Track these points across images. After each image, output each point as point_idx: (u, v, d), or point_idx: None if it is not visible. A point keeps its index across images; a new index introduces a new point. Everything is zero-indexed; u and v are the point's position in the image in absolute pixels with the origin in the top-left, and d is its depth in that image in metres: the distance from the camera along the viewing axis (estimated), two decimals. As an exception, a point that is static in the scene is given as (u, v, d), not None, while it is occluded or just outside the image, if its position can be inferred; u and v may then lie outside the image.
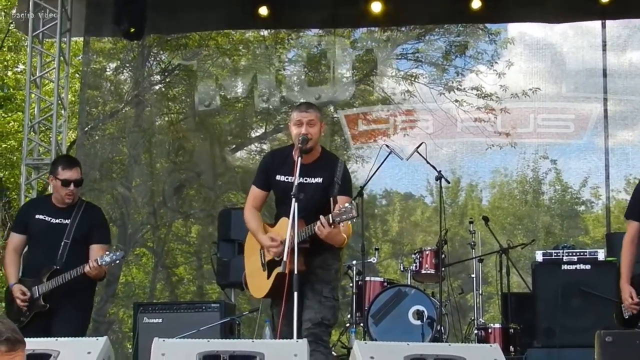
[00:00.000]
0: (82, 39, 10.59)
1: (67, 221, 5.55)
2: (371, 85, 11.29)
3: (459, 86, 10.45)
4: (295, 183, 4.77)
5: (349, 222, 4.72)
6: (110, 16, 9.02)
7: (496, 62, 10.39)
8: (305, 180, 4.90)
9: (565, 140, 9.92)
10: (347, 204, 4.70)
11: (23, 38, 13.21)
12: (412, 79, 10.79)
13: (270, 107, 11.02)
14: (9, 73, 15.45)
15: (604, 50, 9.50)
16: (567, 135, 9.83)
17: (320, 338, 4.80)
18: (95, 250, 5.50)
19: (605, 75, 9.51)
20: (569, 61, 9.93)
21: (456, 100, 10.31)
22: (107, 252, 5.35)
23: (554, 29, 9.88)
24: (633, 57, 9.80)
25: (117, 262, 5.36)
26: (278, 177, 5.05)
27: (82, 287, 5.48)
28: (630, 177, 9.69)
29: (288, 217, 4.70)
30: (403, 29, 10.67)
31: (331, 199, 4.84)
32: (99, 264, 5.27)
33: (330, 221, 4.66)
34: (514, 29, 10.43)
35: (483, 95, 10.31)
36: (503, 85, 10.18)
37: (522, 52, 10.32)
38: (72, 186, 5.55)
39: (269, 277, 4.94)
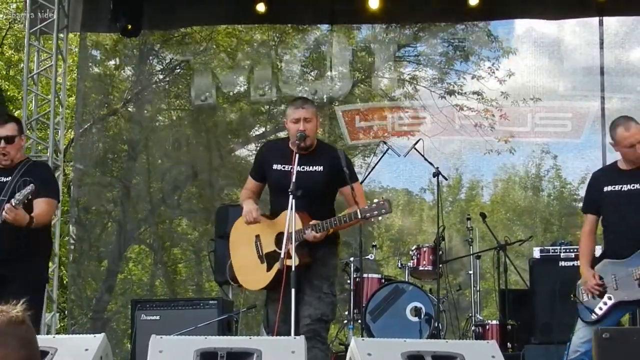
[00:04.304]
0: (81, 35, 10.61)
1: (8, 179, 5.25)
2: (371, 86, 11.29)
3: (460, 90, 10.48)
4: (293, 179, 4.77)
5: (380, 217, 4.72)
6: (108, 13, 9.02)
7: (497, 69, 10.46)
8: (304, 168, 4.90)
9: (563, 139, 9.96)
10: (375, 200, 4.74)
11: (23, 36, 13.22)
12: (414, 82, 10.82)
13: (267, 100, 11.07)
14: (12, 72, 15.42)
15: (602, 48, 9.51)
16: (565, 134, 9.85)
17: (318, 334, 4.81)
18: (38, 203, 5.12)
19: (602, 73, 9.52)
20: (567, 59, 9.95)
21: (456, 105, 10.34)
22: (18, 192, 4.94)
23: (552, 27, 9.90)
24: (631, 55, 9.81)
25: (28, 194, 4.89)
26: (275, 166, 5.06)
27: (30, 260, 5.18)
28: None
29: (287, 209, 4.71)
30: (406, 31, 10.70)
31: (349, 188, 4.87)
32: (13, 204, 4.89)
33: (359, 216, 4.69)
34: (519, 26, 10.49)
35: (484, 100, 10.34)
36: (504, 92, 10.21)
37: (521, 48, 10.35)
38: (2, 143, 5.29)
39: (269, 269, 4.92)
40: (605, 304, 5.03)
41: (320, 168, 4.98)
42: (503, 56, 10.54)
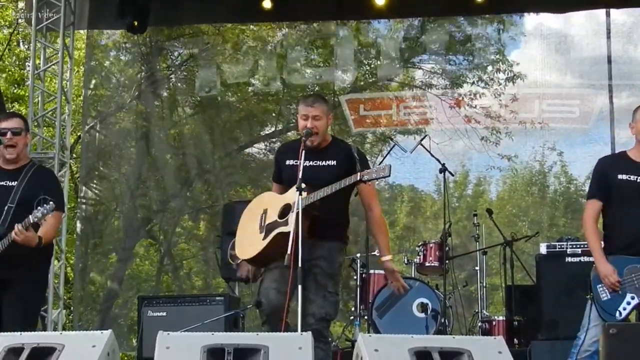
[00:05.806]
0: (88, 32, 10.63)
1: (14, 183, 5.15)
2: (379, 89, 11.32)
3: (470, 102, 10.50)
4: (299, 176, 4.77)
5: (378, 179, 4.71)
6: (114, 10, 9.04)
7: (503, 93, 10.50)
8: (316, 163, 4.92)
9: (571, 125, 9.95)
10: (377, 165, 4.79)
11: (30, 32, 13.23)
12: (426, 89, 10.87)
13: (271, 90, 11.11)
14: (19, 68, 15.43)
15: (609, 38, 9.50)
16: (573, 121, 9.84)
17: (321, 334, 4.80)
18: (47, 218, 5.02)
19: (610, 62, 9.51)
20: (574, 49, 9.96)
21: (465, 116, 10.34)
22: (37, 208, 4.88)
23: (558, 19, 9.91)
24: (638, 45, 9.79)
25: (47, 213, 4.88)
26: (287, 162, 5.07)
27: (33, 257, 5.09)
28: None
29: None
30: (422, 39, 10.75)
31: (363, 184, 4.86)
32: (26, 225, 4.85)
33: (359, 178, 4.67)
34: (528, 22, 10.55)
35: (492, 116, 10.34)
36: (513, 111, 10.21)
37: (529, 42, 10.38)
38: (9, 134, 5.18)
39: (265, 237, 4.89)
40: (628, 303, 4.87)
41: (333, 163, 4.97)
42: (512, 80, 10.59)
